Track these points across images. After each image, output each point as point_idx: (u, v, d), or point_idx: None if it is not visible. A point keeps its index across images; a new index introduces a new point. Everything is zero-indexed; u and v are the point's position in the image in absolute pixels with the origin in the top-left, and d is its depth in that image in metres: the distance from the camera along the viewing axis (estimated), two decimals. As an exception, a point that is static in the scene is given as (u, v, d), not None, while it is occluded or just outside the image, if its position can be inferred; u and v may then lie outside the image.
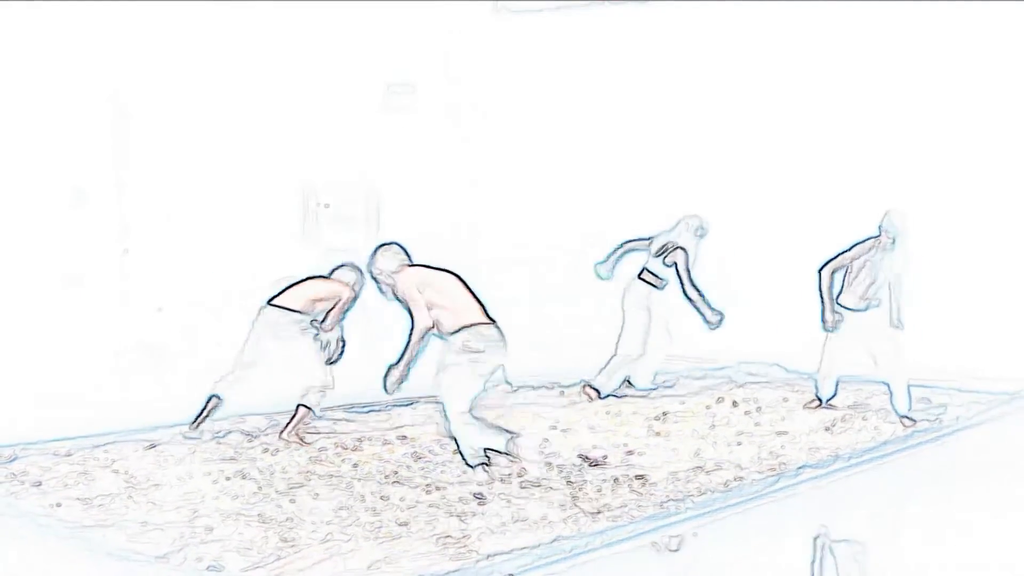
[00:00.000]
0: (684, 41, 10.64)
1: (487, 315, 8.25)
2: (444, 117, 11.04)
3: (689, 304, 9.92)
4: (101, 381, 9.51)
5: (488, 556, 6.84)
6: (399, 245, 8.72)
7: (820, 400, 9.59)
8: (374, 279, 8.62)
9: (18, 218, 9.89)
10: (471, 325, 8.16)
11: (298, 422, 8.93)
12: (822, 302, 9.42)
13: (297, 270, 10.49)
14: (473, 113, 10.94)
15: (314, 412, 9.01)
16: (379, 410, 9.87)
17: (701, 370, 10.84)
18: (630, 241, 10.13)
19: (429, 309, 8.24)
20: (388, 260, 8.60)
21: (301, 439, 8.87)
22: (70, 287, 9.96)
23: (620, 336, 10.02)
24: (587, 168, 10.78)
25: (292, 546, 7.02)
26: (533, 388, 10.34)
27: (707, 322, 9.89)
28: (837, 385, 9.59)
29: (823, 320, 9.40)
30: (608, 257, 10.10)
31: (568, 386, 10.28)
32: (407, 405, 9.96)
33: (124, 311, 10.08)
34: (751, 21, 10.48)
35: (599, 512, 7.49)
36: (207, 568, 6.78)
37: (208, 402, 8.94)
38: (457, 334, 8.17)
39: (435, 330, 8.24)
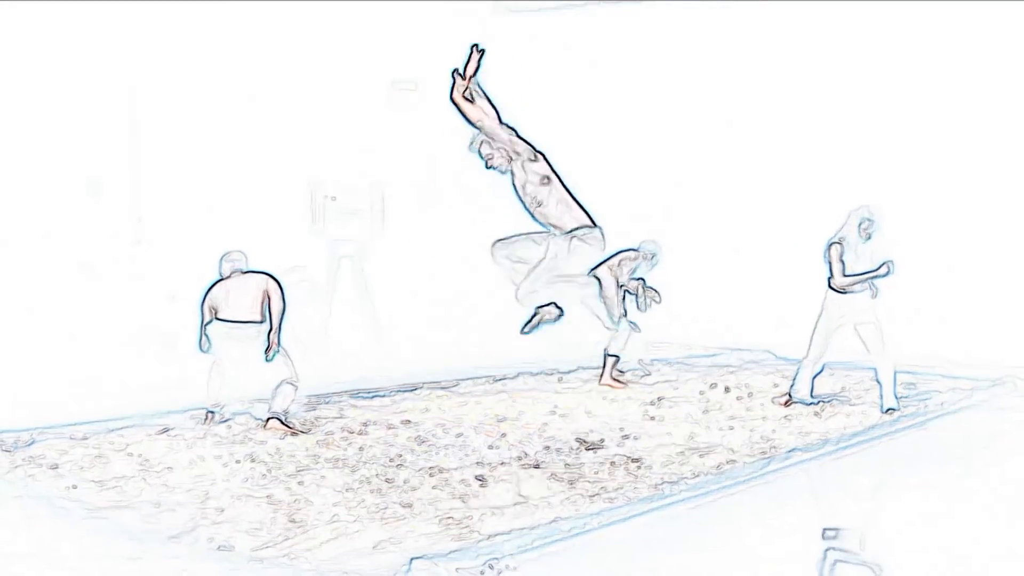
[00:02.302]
0: (681, 40, 10.60)
1: None
2: (446, 113, 11.01)
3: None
4: (116, 367, 9.48)
5: (489, 536, 6.81)
6: None
7: (791, 396, 9.46)
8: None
9: (36, 208, 9.87)
10: None
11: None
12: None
13: (305, 260, 10.48)
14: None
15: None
16: (384, 395, 9.85)
17: (695, 356, 10.82)
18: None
19: None
20: None
21: (290, 427, 8.85)
22: (85, 275, 9.93)
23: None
24: (587, 163, 10.75)
25: (300, 527, 6.99)
26: (532, 375, 10.32)
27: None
28: (813, 385, 9.42)
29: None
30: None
31: (566, 372, 10.26)
32: (411, 391, 9.95)
33: (138, 299, 10.06)
34: (747, 21, 10.44)
35: (596, 494, 7.46)
36: (218, 548, 6.75)
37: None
38: None
39: None
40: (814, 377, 9.36)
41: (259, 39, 10.42)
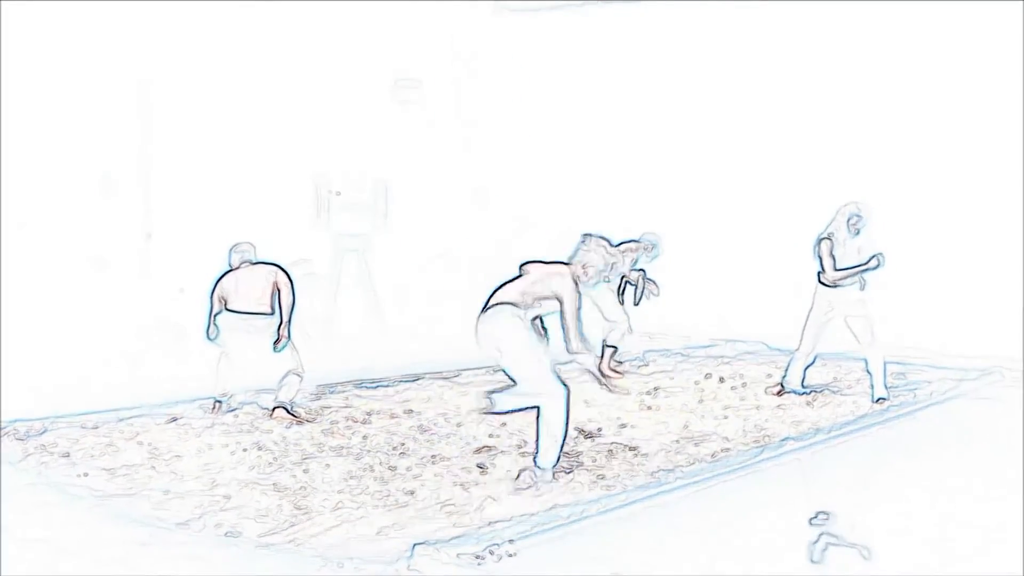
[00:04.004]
0: (679, 39, 10.58)
1: None
2: (447, 110, 11.01)
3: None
4: (126, 358, 9.48)
5: (490, 523, 6.80)
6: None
7: (783, 386, 9.46)
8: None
9: (50, 203, 9.86)
10: None
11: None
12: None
13: (309, 253, 10.47)
14: (475, 107, 10.90)
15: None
16: (387, 386, 9.84)
17: (690, 347, 10.82)
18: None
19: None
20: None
21: (295, 416, 8.84)
22: (97, 269, 9.93)
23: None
24: (586, 160, 10.74)
25: (305, 513, 6.99)
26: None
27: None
28: (805, 375, 9.42)
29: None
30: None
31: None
32: (413, 381, 9.94)
33: (148, 292, 10.06)
34: (744, 20, 10.42)
35: (594, 482, 7.45)
36: (225, 534, 6.74)
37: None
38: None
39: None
40: (806, 368, 9.37)
41: (266, 38, 10.41)
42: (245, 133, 10.42)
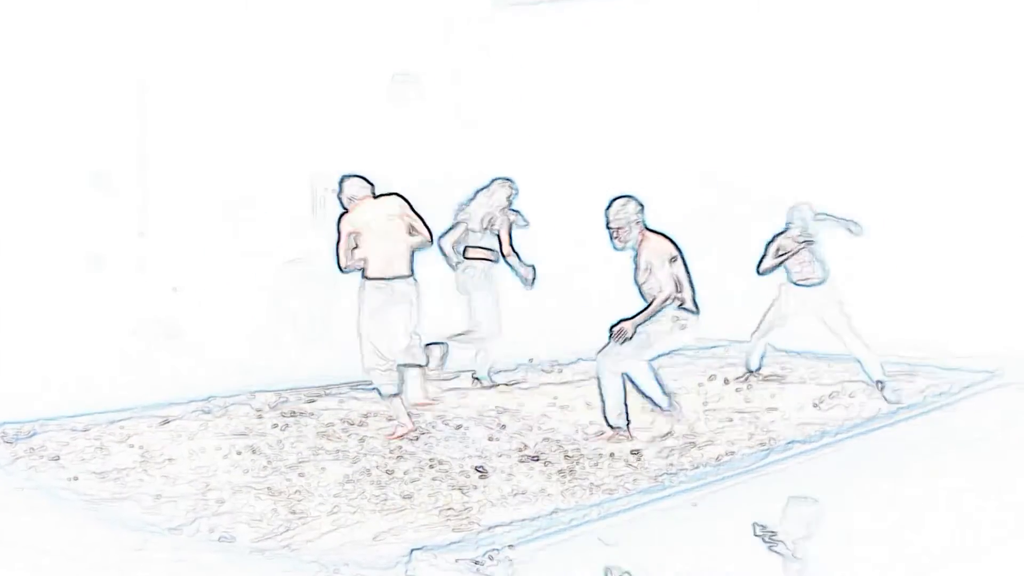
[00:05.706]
0: (681, 34, 10.56)
1: None
2: (446, 107, 10.99)
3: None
4: (118, 359, 9.44)
5: (489, 527, 6.77)
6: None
7: (751, 371, 9.52)
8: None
9: (42, 200, 9.84)
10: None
11: None
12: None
13: (306, 252, 10.43)
14: (475, 104, 10.88)
15: None
16: (385, 387, 9.80)
17: (694, 349, 10.77)
18: None
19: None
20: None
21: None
22: (90, 268, 9.90)
23: None
24: (587, 159, 10.71)
25: (300, 518, 6.95)
26: (532, 366, 10.28)
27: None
28: (763, 357, 9.53)
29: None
30: None
31: (566, 364, 10.21)
32: (411, 382, 9.90)
33: (141, 291, 10.02)
34: (748, 15, 10.41)
35: (596, 485, 7.42)
36: (219, 539, 6.71)
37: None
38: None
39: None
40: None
41: (262, 34, 10.39)
42: (241, 130, 10.39)
